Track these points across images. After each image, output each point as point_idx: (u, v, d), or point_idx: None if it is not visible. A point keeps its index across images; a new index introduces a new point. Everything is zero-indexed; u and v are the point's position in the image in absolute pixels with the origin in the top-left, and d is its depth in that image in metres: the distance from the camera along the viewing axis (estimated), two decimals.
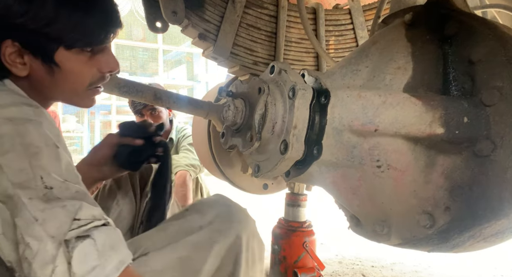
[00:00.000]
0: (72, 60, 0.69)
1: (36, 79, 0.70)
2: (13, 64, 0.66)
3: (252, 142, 0.79)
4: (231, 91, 0.91)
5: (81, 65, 0.71)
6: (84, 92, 0.76)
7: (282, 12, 1.46)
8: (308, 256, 1.50)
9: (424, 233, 0.70)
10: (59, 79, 0.70)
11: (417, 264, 2.30)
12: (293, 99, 0.73)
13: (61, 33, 0.66)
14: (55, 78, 0.70)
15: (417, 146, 0.69)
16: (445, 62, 0.71)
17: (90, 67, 0.73)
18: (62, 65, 0.69)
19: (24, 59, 0.67)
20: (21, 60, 0.67)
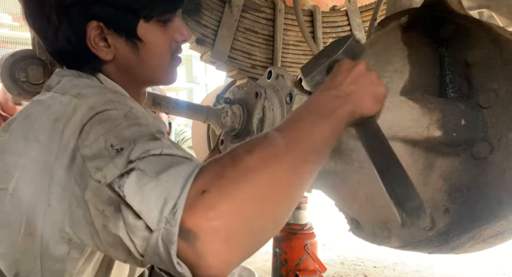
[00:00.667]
0: (152, 32, 0.69)
1: (123, 60, 0.70)
2: (99, 48, 0.66)
3: None
4: (228, 98, 0.92)
5: (160, 37, 0.71)
6: (169, 65, 0.76)
7: (279, 15, 1.46)
8: (310, 258, 1.50)
9: (424, 235, 0.70)
10: (144, 55, 0.70)
11: (419, 263, 2.30)
12: (291, 104, 0.73)
13: (139, 2, 0.66)
14: (140, 55, 0.70)
15: (415, 148, 0.69)
16: (442, 64, 0.71)
17: (168, 37, 0.73)
18: (145, 38, 0.69)
19: (109, 41, 0.67)
20: (105, 44, 0.67)
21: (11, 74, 1.08)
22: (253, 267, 1.94)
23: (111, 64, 0.70)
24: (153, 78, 0.76)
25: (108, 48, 0.67)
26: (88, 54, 0.68)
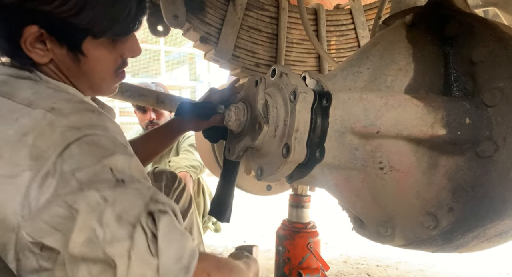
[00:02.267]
0: (98, 49, 0.67)
1: (61, 66, 0.67)
2: (33, 50, 0.63)
3: (261, 128, 0.79)
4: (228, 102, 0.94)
5: (107, 53, 0.69)
6: (110, 80, 0.75)
7: (283, 14, 1.46)
8: (313, 257, 1.50)
9: (428, 234, 0.70)
10: (85, 69, 0.68)
11: (422, 263, 2.30)
12: (295, 103, 0.73)
13: (91, 22, 0.63)
14: (81, 67, 0.68)
15: (419, 147, 0.69)
16: (446, 63, 0.71)
17: (115, 54, 0.71)
18: (89, 53, 0.67)
19: (47, 46, 0.63)
20: (42, 46, 0.63)
21: None
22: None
23: (48, 65, 0.66)
24: (91, 89, 0.74)
25: (45, 51, 0.63)
26: (19, 54, 0.63)
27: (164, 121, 2.43)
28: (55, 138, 0.53)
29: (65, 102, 0.59)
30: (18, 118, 0.56)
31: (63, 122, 0.55)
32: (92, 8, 0.62)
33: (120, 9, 0.65)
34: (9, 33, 0.61)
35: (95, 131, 0.56)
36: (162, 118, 2.41)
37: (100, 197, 0.49)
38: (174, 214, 0.55)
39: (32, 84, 0.63)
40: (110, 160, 0.53)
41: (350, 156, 0.74)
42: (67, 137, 0.53)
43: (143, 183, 0.55)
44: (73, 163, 0.51)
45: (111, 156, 0.54)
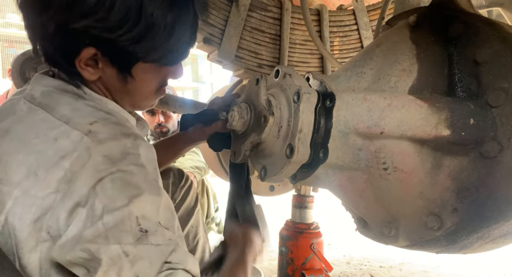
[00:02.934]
0: (146, 72, 0.70)
1: (107, 84, 0.69)
2: (85, 68, 0.65)
3: (267, 120, 0.79)
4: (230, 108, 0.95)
5: (153, 76, 0.72)
6: (151, 97, 0.78)
7: (286, 14, 1.46)
8: (316, 257, 1.50)
9: (432, 235, 0.69)
10: (131, 88, 0.71)
11: (426, 264, 2.29)
12: (298, 103, 0.73)
13: (146, 51, 0.66)
14: (126, 87, 0.70)
15: (423, 148, 0.69)
16: (450, 63, 0.71)
17: (160, 76, 0.74)
18: (137, 76, 0.69)
19: (99, 65, 0.66)
20: (94, 65, 0.66)
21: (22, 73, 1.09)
22: (259, 266, 1.94)
23: (95, 82, 0.69)
24: (132, 106, 0.77)
25: (96, 69, 0.66)
26: (72, 70, 0.65)
27: (172, 124, 2.44)
28: (90, 168, 0.55)
29: (101, 125, 0.61)
30: (58, 138, 0.58)
31: (99, 149, 0.57)
32: (151, 38, 0.64)
33: (176, 40, 0.68)
34: (67, 52, 0.64)
35: (128, 166, 0.57)
36: (171, 121, 2.42)
37: (122, 251, 0.53)
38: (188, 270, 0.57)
39: (72, 100, 0.65)
40: (139, 204, 0.55)
41: (353, 156, 0.73)
42: (101, 170, 0.55)
43: (165, 236, 0.57)
44: (104, 199, 0.54)
45: (140, 198, 0.56)
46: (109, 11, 0.59)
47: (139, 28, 0.62)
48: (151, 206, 0.57)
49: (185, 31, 0.69)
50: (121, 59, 0.66)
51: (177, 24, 0.67)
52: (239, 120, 0.86)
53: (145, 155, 0.61)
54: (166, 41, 0.66)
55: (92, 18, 0.59)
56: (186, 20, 0.69)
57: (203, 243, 1.17)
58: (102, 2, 0.59)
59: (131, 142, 0.61)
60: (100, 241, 0.52)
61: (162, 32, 0.65)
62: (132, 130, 0.65)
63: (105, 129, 0.60)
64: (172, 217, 0.61)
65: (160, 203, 0.59)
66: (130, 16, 0.61)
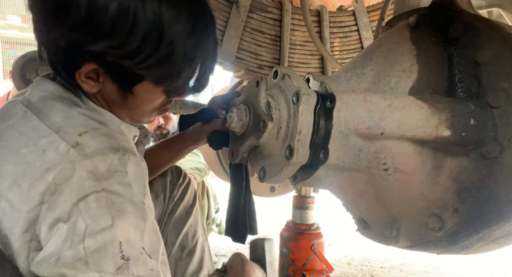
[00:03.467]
0: (148, 92, 0.66)
1: (107, 96, 0.67)
2: (85, 81, 0.62)
3: (266, 125, 0.79)
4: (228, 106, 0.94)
5: (155, 96, 0.69)
6: (152, 114, 0.75)
7: (286, 16, 1.46)
8: (317, 258, 1.50)
9: (433, 236, 0.69)
10: (130, 104, 0.68)
11: (427, 264, 2.29)
12: (297, 104, 0.73)
13: (156, 77, 0.63)
14: (126, 102, 0.67)
15: (423, 148, 0.69)
16: (451, 64, 0.71)
17: (163, 96, 0.70)
18: (138, 94, 0.66)
19: (100, 79, 0.63)
20: (95, 78, 0.63)
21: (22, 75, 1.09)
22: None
23: (95, 94, 0.67)
24: (131, 120, 0.74)
25: (96, 82, 0.63)
26: (71, 81, 0.64)
27: (172, 126, 2.45)
28: (74, 183, 0.54)
29: (90, 136, 0.58)
30: (46, 150, 0.56)
31: (84, 164, 0.55)
32: (168, 67, 0.61)
33: (195, 69, 0.65)
34: (68, 64, 0.62)
35: (113, 186, 0.55)
36: (170, 122, 2.43)
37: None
38: None
39: (65, 107, 0.63)
40: (123, 228, 0.53)
41: (354, 157, 0.73)
42: (84, 187, 0.53)
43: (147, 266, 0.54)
44: (87, 219, 0.52)
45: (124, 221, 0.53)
46: (126, 37, 0.56)
47: (158, 56, 0.59)
48: (135, 231, 0.54)
49: (207, 60, 0.66)
50: (123, 78, 0.63)
51: (200, 53, 0.63)
52: (237, 122, 0.86)
53: (133, 173, 0.58)
54: (185, 70, 0.63)
55: (106, 42, 0.56)
56: (208, 49, 0.65)
57: (202, 242, 1.16)
58: (118, 27, 0.55)
59: (118, 158, 0.57)
60: (79, 267, 0.50)
61: (180, 60, 0.61)
62: (122, 143, 0.61)
63: (93, 142, 0.58)
64: (157, 242, 0.59)
65: (145, 228, 0.56)
66: (149, 43, 0.57)
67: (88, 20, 0.55)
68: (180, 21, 0.59)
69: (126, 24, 0.55)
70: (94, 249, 0.51)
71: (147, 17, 0.56)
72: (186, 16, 0.60)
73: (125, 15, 0.55)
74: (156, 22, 0.57)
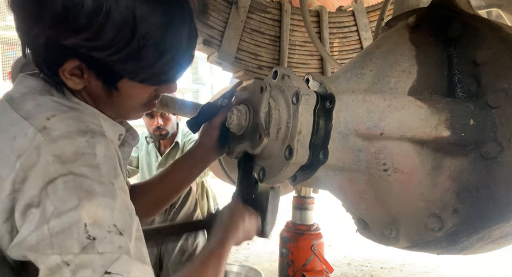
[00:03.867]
0: (133, 87, 0.67)
1: (92, 93, 0.68)
2: (70, 78, 0.63)
3: (261, 139, 0.79)
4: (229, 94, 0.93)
5: (141, 91, 0.70)
6: (139, 110, 0.75)
7: (286, 16, 1.46)
8: (317, 259, 1.50)
9: (433, 236, 0.69)
10: (116, 101, 0.69)
11: (427, 265, 2.29)
12: (297, 105, 0.73)
13: (133, 71, 0.64)
14: (112, 99, 0.68)
15: (423, 149, 0.69)
16: (450, 64, 0.71)
17: (149, 90, 0.71)
18: (123, 90, 0.67)
19: (84, 75, 0.64)
20: (79, 75, 0.64)
21: None
22: (260, 267, 1.94)
23: (80, 91, 0.67)
24: (118, 116, 0.74)
25: (81, 79, 0.64)
26: (55, 78, 0.64)
27: (171, 127, 2.45)
28: (40, 168, 0.54)
29: (58, 120, 0.58)
30: (16, 136, 0.56)
31: (50, 148, 0.55)
32: (140, 59, 0.62)
33: (167, 61, 0.65)
34: (51, 61, 0.63)
35: (80, 168, 0.55)
36: (169, 123, 2.43)
37: (62, 261, 0.51)
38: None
39: (38, 96, 0.63)
40: (90, 208, 0.53)
41: (353, 158, 0.73)
42: (51, 171, 0.54)
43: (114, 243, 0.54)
44: (55, 201, 0.52)
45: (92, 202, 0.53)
46: (100, 31, 0.58)
47: (129, 49, 0.60)
48: (103, 210, 0.54)
49: (179, 53, 0.66)
50: (106, 74, 0.64)
51: (172, 46, 0.64)
52: (236, 125, 0.86)
53: (102, 154, 0.58)
54: (156, 63, 0.64)
55: (81, 36, 0.58)
56: (181, 42, 0.66)
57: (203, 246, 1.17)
58: (93, 21, 0.57)
59: (86, 140, 0.57)
60: (42, 249, 0.51)
61: (151, 54, 0.62)
62: (91, 126, 0.60)
63: (60, 125, 0.57)
64: (129, 218, 0.58)
65: (115, 206, 0.56)
66: (122, 36, 0.59)
67: (64, 15, 0.57)
68: (154, 16, 0.61)
69: (100, 18, 0.57)
70: (59, 230, 0.51)
71: (121, 12, 0.58)
72: (160, 11, 0.61)
73: (100, 10, 0.57)
74: (130, 16, 0.58)
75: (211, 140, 0.97)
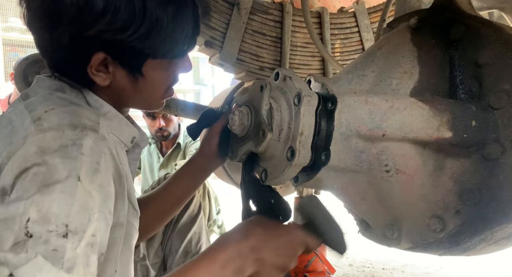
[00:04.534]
0: (156, 69, 0.71)
1: (117, 88, 0.71)
2: (97, 74, 0.67)
3: (265, 136, 0.79)
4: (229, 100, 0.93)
5: (163, 72, 0.73)
6: (161, 96, 0.79)
7: (287, 17, 1.46)
8: (318, 260, 1.50)
9: (435, 237, 0.69)
10: (141, 87, 0.72)
11: (428, 265, 2.28)
12: (299, 106, 0.73)
13: (154, 47, 0.68)
14: (137, 86, 0.71)
15: (425, 150, 0.69)
16: (452, 65, 0.71)
17: (170, 72, 0.75)
18: (147, 74, 0.71)
19: (109, 69, 0.67)
20: (105, 70, 0.67)
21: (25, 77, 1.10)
22: None
23: (104, 89, 0.69)
24: (140, 105, 0.78)
25: (107, 74, 0.67)
26: (85, 78, 0.67)
27: (173, 128, 2.45)
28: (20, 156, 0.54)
29: (55, 113, 0.59)
30: (16, 127, 0.58)
31: (36, 138, 0.55)
32: (157, 33, 0.66)
33: (180, 32, 0.70)
34: (79, 61, 0.65)
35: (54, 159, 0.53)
36: (171, 124, 2.44)
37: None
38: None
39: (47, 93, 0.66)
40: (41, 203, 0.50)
41: (355, 159, 0.74)
42: (28, 160, 0.53)
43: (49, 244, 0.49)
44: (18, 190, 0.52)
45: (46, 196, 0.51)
46: (116, 13, 0.62)
47: (145, 26, 0.65)
48: (57, 207, 0.51)
49: (187, 23, 0.71)
50: (131, 59, 0.68)
51: (178, 17, 0.69)
52: (239, 125, 0.86)
53: (88, 146, 0.57)
54: (171, 35, 0.68)
55: (102, 22, 0.61)
56: (186, 13, 0.71)
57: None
58: (108, 6, 0.61)
59: (75, 134, 0.57)
60: None
61: (165, 27, 0.67)
62: (84, 121, 0.59)
63: (54, 117, 0.58)
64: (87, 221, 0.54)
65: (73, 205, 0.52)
66: (136, 16, 0.63)
67: (81, 8, 0.60)
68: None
69: (113, 2, 0.61)
70: (2, 218, 0.49)
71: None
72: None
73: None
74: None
75: (211, 148, 0.96)
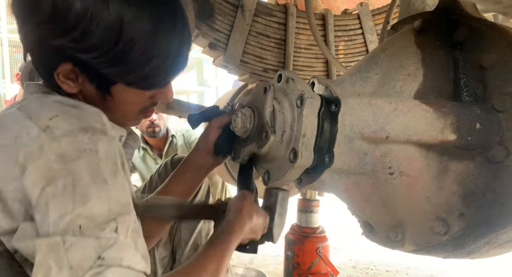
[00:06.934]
0: (127, 92, 0.68)
1: (88, 98, 0.68)
2: (65, 81, 0.65)
3: (268, 137, 0.79)
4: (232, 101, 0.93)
5: (135, 97, 0.70)
6: (134, 117, 0.75)
7: (291, 19, 1.47)
8: (322, 262, 1.50)
9: (439, 240, 0.69)
10: (110, 106, 0.69)
11: (432, 268, 2.27)
12: (302, 108, 0.73)
13: (122, 75, 0.65)
14: (106, 104, 0.69)
15: (429, 152, 0.69)
16: (456, 68, 0.71)
17: (144, 97, 0.71)
18: (116, 96, 0.68)
19: (78, 80, 0.65)
20: (74, 79, 0.65)
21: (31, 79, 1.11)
22: (265, 270, 1.94)
23: (77, 95, 0.68)
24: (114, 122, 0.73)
25: (75, 83, 0.65)
26: (51, 81, 0.66)
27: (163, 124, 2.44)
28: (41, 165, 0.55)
29: (61, 119, 0.59)
30: (18, 136, 0.58)
31: (52, 147, 0.56)
32: (124, 63, 0.63)
33: (156, 67, 0.65)
34: (45, 65, 0.65)
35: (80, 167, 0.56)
36: (162, 121, 2.42)
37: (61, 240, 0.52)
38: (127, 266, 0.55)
39: (41, 97, 0.65)
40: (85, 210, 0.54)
41: (359, 161, 0.74)
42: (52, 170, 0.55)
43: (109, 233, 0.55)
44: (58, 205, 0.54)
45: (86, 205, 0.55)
46: (86, 33, 0.59)
47: (114, 52, 0.61)
48: (98, 209, 0.55)
49: (169, 60, 0.67)
50: (97, 79, 0.65)
51: (160, 52, 0.65)
52: (241, 128, 0.86)
53: (103, 151, 0.59)
54: (144, 68, 0.64)
55: (68, 37, 0.59)
56: (170, 49, 0.66)
57: None
58: (80, 23, 0.58)
59: (88, 137, 0.58)
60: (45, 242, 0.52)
61: (138, 58, 0.63)
62: (93, 124, 0.61)
63: (63, 124, 0.58)
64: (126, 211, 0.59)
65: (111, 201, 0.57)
66: (107, 39, 0.60)
67: (53, 15, 0.58)
68: (142, 21, 0.62)
69: (87, 21, 0.58)
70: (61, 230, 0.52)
71: (109, 16, 0.59)
72: (149, 17, 0.62)
73: (87, 12, 0.58)
74: (117, 20, 0.60)
75: (207, 144, 0.96)
